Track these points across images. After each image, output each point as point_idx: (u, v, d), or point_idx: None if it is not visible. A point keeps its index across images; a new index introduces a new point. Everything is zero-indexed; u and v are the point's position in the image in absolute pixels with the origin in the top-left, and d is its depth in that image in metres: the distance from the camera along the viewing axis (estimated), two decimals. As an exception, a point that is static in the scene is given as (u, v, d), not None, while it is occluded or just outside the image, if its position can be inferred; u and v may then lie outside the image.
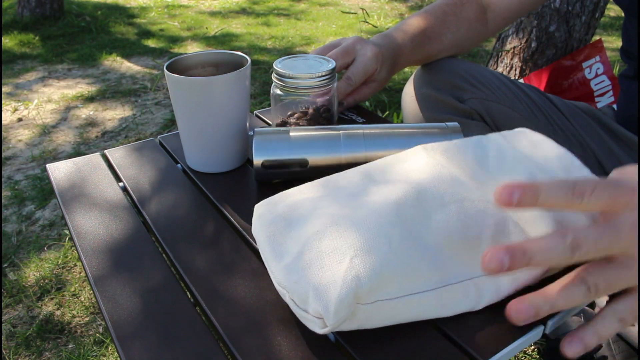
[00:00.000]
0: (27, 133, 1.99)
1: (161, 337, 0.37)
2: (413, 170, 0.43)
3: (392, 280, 0.34)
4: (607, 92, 1.55)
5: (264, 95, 2.25)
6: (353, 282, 0.33)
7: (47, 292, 1.18)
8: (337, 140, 0.52)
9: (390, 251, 0.35)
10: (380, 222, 0.37)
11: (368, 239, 0.36)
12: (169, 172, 0.59)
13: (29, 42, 3.11)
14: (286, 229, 0.40)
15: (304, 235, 0.38)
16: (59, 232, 1.40)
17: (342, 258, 0.35)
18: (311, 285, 0.34)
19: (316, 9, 4.02)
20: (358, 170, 0.45)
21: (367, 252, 0.35)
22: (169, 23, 3.63)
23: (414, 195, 0.39)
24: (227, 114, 0.55)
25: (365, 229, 0.36)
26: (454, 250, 0.37)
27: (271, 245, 0.39)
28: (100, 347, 1.03)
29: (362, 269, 0.34)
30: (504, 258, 0.30)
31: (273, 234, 0.40)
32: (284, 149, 0.52)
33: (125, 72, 2.65)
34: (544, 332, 0.37)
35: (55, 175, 0.59)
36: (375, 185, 0.42)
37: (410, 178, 0.42)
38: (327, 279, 0.34)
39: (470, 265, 0.37)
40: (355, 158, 0.52)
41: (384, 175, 0.44)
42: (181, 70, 0.58)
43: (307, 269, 0.35)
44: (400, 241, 0.36)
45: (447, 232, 0.37)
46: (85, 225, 0.50)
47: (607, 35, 3.13)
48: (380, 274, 0.34)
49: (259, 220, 0.42)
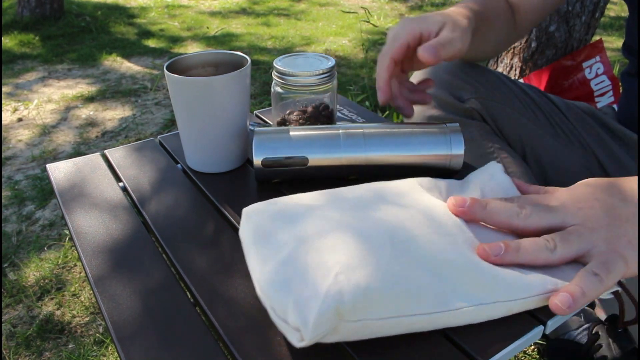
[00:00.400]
0: (27, 133, 1.99)
1: (161, 337, 0.37)
2: (408, 198, 0.43)
3: (379, 300, 0.33)
4: (607, 92, 1.55)
5: (264, 95, 2.25)
6: (335, 298, 0.32)
7: (47, 292, 1.18)
8: (336, 139, 0.52)
9: (378, 271, 0.34)
10: (371, 241, 0.36)
11: (356, 257, 0.35)
12: (169, 172, 0.59)
13: (29, 42, 3.11)
14: (273, 234, 0.39)
15: (291, 244, 0.37)
16: (59, 232, 1.40)
17: (327, 273, 0.34)
18: (292, 297, 0.33)
19: (316, 9, 4.02)
20: (356, 189, 0.45)
21: (353, 269, 0.34)
22: (169, 23, 3.63)
23: (409, 221, 0.39)
24: (227, 114, 0.55)
25: (354, 246, 0.36)
26: (453, 277, 0.36)
27: (257, 248, 0.38)
28: (100, 347, 1.03)
29: (346, 286, 0.33)
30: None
31: (260, 237, 0.39)
32: (283, 147, 0.52)
33: (125, 72, 2.65)
34: (544, 332, 0.37)
35: (55, 175, 0.59)
36: (370, 207, 0.42)
37: (406, 205, 0.42)
38: (309, 292, 0.33)
39: (469, 293, 0.36)
40: (355, 157, 0.52)
41: (380, 199, 0.43)
42: (181, 70, 0.58)
43: (290, 279, 0.35)
44: (390, 262, 0.35)
45: (445, 257, 0.37)
46: (85, 225, 0.50)
47: (607, 35, 3.13)
48: (365, 292, 0.33)
49: (247, 222, 0.41)
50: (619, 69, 2.30)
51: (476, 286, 0.36)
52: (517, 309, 0.37)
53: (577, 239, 0.39)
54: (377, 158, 0.52)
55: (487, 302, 0.36)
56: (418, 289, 0.35)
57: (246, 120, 0.58)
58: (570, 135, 0.77)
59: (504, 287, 0.36)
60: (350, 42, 3.08)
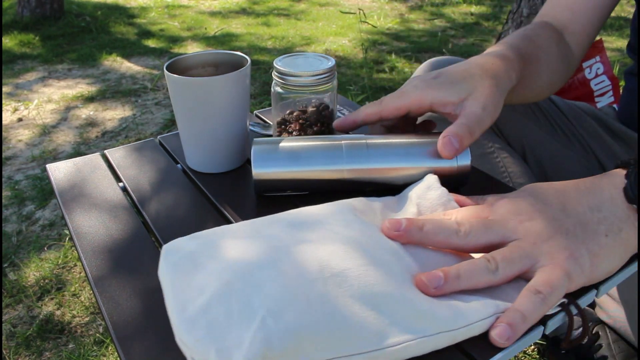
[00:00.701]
0: (27, 133, 1.99)
1: (161, 337, 0.37)
2: (341, 226, 0.40)
3: (311, 342, 0.31)
4: (607, 92, 1.55)
5: (264, 95, 2.25)
6: (262, 344, 0.30)
7: (47, 292, 1.18)
8: (339, 151, 0.50)
9: (308, 311, 0.32)
10: (302, 276, 0.34)
11: (285, 296, 0.33)
12: (169, 172, 0.59)
13: (29, 42, 3.11)
14: (193, 273, 0.36)
15: (212, 285, 0.34)
16: (59, 232, 1.40)
17: (252, 316, 0.32)
18: (214, 345, 0.31)
19: (316, 9, 4.02)
20: (284, 218, 0.42)
21: (282, 310, 0.32)
22: (169, 23, 3.63)
23: (342, 251, 0.37)
24: (227, 114, 0.55)
25: (283, 283, 0.33)
26: (391, 309, 0.34)
27: (174, 292, 0.35)
28: (101, 347, 1.03)
29: (274, 329, 0.31)
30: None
31: (178, 279, 0.36)
32: (283, 162, 0.50)
33: (125, 72, 2.65)
34: (543, 332, 0.37)
35: (55, 176, 0.59)
36: (300, 237, 0.39)
37: (338, 232, 0.39)
38: (232, 340, 0.31)
39: (410, 325, 0.34)
40: (358, 170, 0.50)
41: (311, 226, 0.41)
42: (181, 70, 0.58)
43: (212, 325, 0.32)
44: (322, 299, 0.33)
45: (382, 290, 0.35)
46: (85, 225, 0.50)
47: (607, 35, 3.13)
48: (296, 336, 0.31)
49: (165, 262, 0.38)
50: (619, 69, 2.30)
51: (416, 318, 0.34)
52: (462, 337, 0.35)
53: (518, 257, 0.37)
54: (381, 170, 0.50)
55: (430, 333, 0.34)
56: (353, 327, 0.33)
57: (246, 120, 0.58)
58: (570, 135, 0.77)
59: (444, 316, 0.34)
60: (350, 42, 3.08)
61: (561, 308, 0.37)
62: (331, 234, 0.39)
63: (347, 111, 0.74)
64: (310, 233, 0.40)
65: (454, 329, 0.34)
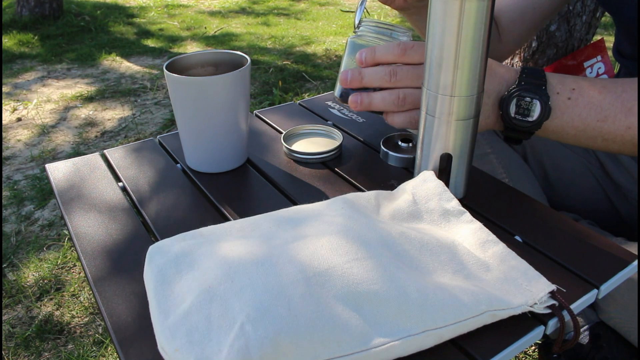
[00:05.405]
0: (26, 133, 1.99)
1: (161, 338, 0.37)
2: (325, 224, 0.40)
3: (292, 348, 0.31)
4: (607, 92, 1.55)
5: (264, 95, 2.25)
6: (240, 353, 0.30)
7: (47, 293, 1.18)
8: None
9: (289, 315, 0.32)
10: (282, 278, 0.34)
11: (265, 299, 0.32)
12: (168, 172, 0.59)
13: (28, 41, 3.11)
14: (176, 281, 0.36)
15: (194, 291, 0.34)
16: (58, 232, 1.39)
17: (232, 323, 0.31)
18: (194, 353, 0.31)
19: (316, 8, 4.02)
20: (275, 214, 0.42)
21: (261, 316, 0.31)
22: (168, 23, 3.62)
23: (324, 249, 0.37)
24: (227, 114, 0.54)
25: (263, 287, 0.33)
26: (376, 310, 0.34)
27: (157, 300, 0.35)
28: (100, 348, 1.03)
29: (252, 336, 0.30)
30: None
31: (162, 285, 0.36)
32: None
33: (124, 71, 2.65)
34: (544, 332, 0.37)
35: (54, 176, 0.59)
36: (283, 236, 0.39)
37: (321, 233, 0.39)
38: (211, 348, 0.31)
39: (395, 325, 0.33)
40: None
41: (301, 223, 0.40)
42: (181, 70, 0.58)
43: (191, 333, 0.32)
44: (303, 302, 0.33)
45: (366, 288, 0.34)
46: (85, 225, 0.50)
47: (608, 34, 3.13)
48: (275, 341, 0.31)
49: (150, 265, 0.38)
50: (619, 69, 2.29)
51: (402, 317, 0.34)
52: (449, 336, 0.35)
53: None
54: None
55: (415, 332, 0.33)
56: (337, 329, 0.32)
57: (246, 120, 0.58)
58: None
59: (432, 314, 0.34)
60: (350, 42, 3.07)
61: (551, 311, 0.37)
62: (322, 225, 0.40)
63: (347, 111, 0.74)
64: (300, 227, 0.40)
65: (441, 327, 0.34)
